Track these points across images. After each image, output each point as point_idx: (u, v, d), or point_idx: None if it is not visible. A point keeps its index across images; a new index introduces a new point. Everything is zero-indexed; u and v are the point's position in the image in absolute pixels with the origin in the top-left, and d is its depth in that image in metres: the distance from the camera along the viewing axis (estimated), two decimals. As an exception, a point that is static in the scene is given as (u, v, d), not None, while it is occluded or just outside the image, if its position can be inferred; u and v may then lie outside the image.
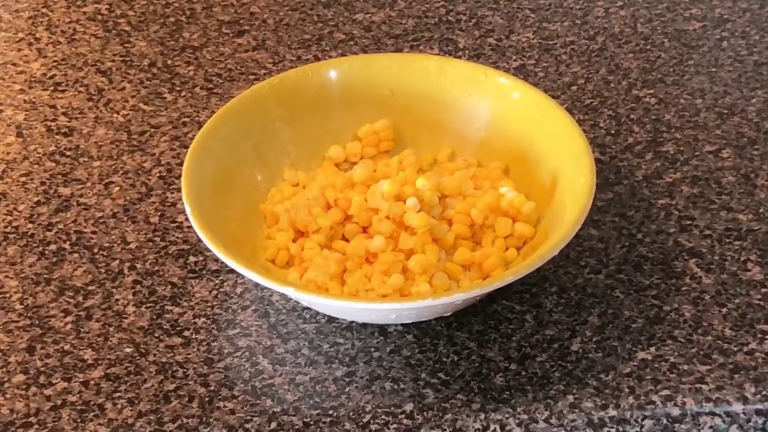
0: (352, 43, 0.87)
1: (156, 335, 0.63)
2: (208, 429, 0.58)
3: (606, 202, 0.71)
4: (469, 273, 0.63)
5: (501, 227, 0.65)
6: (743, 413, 0.59)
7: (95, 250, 0.69)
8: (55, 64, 0.85)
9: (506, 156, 0.69)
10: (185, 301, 0.65)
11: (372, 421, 0.59)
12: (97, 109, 0.80)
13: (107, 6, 0.91)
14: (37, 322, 0.64)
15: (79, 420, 0.59)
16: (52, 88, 0.82)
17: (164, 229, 0.70)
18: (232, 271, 0.66)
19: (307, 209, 0.65)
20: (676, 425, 0.59)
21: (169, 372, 0.61)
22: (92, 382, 0.61)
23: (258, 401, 0.60)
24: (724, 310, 0.64)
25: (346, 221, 0.65)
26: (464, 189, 0.66)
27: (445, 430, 0.58)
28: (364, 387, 0.60)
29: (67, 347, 0.63)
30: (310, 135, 0.71)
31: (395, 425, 0.58)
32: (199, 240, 0.62)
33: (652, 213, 0.71)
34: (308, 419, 0.59)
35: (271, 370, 0.61)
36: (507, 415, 0.59)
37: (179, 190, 0.71)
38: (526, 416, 0.59)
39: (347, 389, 0.60)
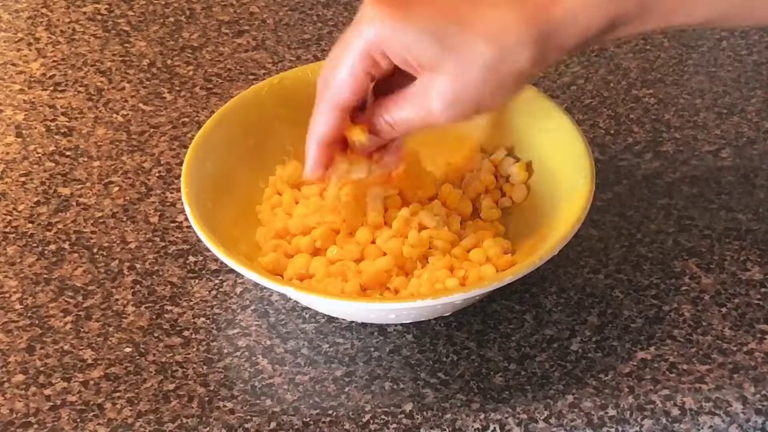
0: (351, 43, 0.87)
1: (155, 335, 0.63)
2: (208, 429, 0.58)
3: (605, 202, 0.71)
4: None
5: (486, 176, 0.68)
6: (742, 413, 0.59)
7: (95, 250, 0.69)
8: (54, 64, 0.85)
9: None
10: (185, 301, 0.65)
11: (371, 421, 0.59)
12: (96, 109, 0.80)
13: (107, 6, 0.91)
14: (37, 322, 0.64)
15: (78, 420, 0.59)
16: (51, 88, 0.82)
17: (164, 229, 0.70)
18: (231, 270, 0.66)
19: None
20: (676, 425, 0.59)
21: (169, 372, 0.61)
22: (92, 382, 0.61)
23: (257, 401, 0.60)
24: (724, 309, 0.64)
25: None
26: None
27: (444, 429, 0.58)
28: (364, 387, 0.60)
29: (66, 347, 0.63)
30: (310, 135, 0.71)
31: (395, 425, 0.58)
32: (199, 240, 0.62)
33: (652, 213, 0.71)
34: (308, 419, 0.59)
35: (271, 370, 0.61)
36: (506, 415, 0.59)
37: (179, 190, 0.71)
38: (525, 416, 0.59)
39: (347, 389, 0.60)
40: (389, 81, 0.60)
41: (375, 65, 0.58)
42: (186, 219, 0.69)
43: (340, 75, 0.59)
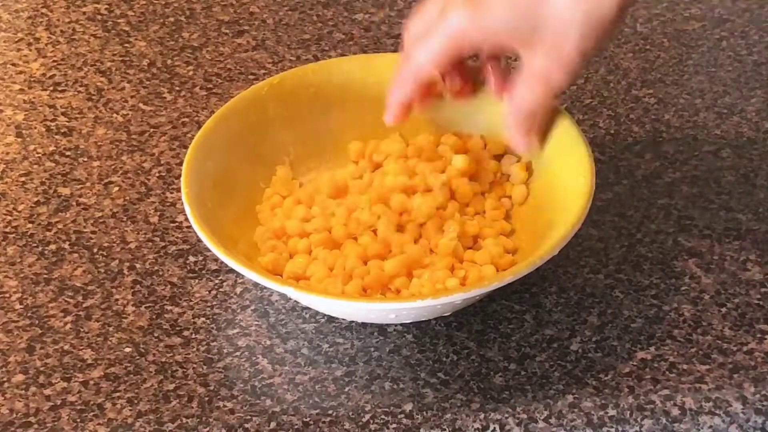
0: (351, 43, 0.87)
1: (155, 335, 0.64)
2: (208, 429, 0.58)
3: (605, 202, 0.71)
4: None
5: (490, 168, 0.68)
6: (742, 413, 0.59)
7: (95, 250, 0.69)
8: (54, 64, 0.85)
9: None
10: (185, 300, 0.65)
11: (371, 421, 0.59)
12: (96, 109, 0.80)
13: (107, 6, 0.91)
14: (37, 322, 0.64)
15: (78, 420, 0.59)
16: (51, 88, 0.82)
17: (164, 229, 0.70)
18: (231, 270, 0.66)
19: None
20: (676, 425, 0.59)
21: (169, 372, 0.61)
22: (92, 382, 0.61)
23: (257, 401, 0.60)
24: (724, 309, 0.64)
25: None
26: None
27: (444, 429, 0.58)
28: (364, 387, 0.60)
29: (66, 347, 0.63)
30: (310, 135, 0.71)
31: (395, 425, 0.58)
32: (199, 240, 0.62)
33: (652, 213, 0.71)
34: (308, 419, 0.59)
35: (271, 370, 0.61)
36: (506, 415, 0.59)
37: (179, 190, 0.71)
38: (525, 416, 0.59)
39: (347, 389, 0.60)
40: None
41: (458, 53, 0.61)
42: (186, 219, 0.69)
43: (420, 56, 0.62)
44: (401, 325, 0.64)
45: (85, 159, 0.76)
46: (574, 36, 0.59)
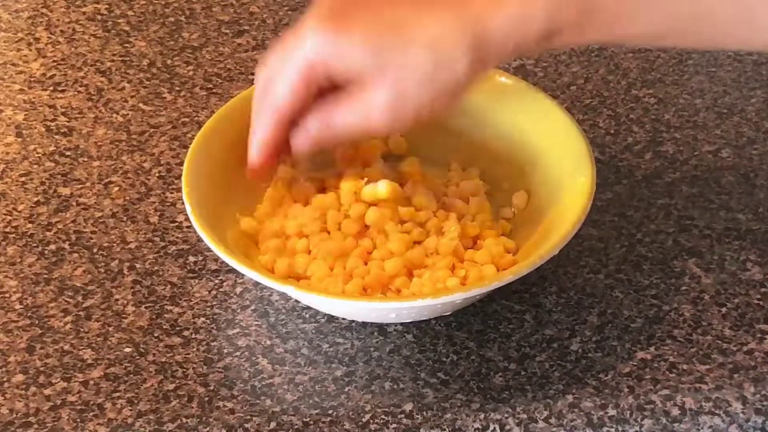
0: (351, 43, 0.87)
1: (155, 335, 0.63)
2: (208, 429, 0.58)
3: (605, 201, 0.71)
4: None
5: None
6: (742, 413, 0.59)
7: (95, 250, 0.69)
8: (54, 64, 0.85)
9: (506, 155, 0.69)
10: (185, 300, 0.65)
11: (371, 421, 0.59)
12: (96, 109, 0.80)
13: (107, 6, 0.91)
14: (37, 322, 0.64)
15: (78, 420, 0.59)
16: (51, 88, 0.82)
17: (164, 228, 0.70)
18: (231, 270, 0.66)
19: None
20: (676, 425, 0.59)
21: (169, 372, 0.61)
22: (92, 382, 0.61)
23: (257, 401, 0.60)
24: (724, 309, 0.64)
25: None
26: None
27: (444, 429, 0.58)
28: (364, 387, 0.60)
29: (66, 347, 0.63)
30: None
31: (395, 425, 0.58)
32: (199, 240, 0.62)
33: (652, 213, 0.71)
34: (308, 419, 0.59)
35: (271, 370, 0.61)
36: (506, 415, 0.59)
37: (179, 190, 0.71)
38: (525, 416, 0.59)
39: (347, 389, 0.60)
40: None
41: (315, 79, 0.58)
42: (186, 219, 0.69)
43: (278, 87, 0.59)
44: (401, 325, 0.64)
45: (85, 159, 0.76)
46: (415, 80, 0.56)
